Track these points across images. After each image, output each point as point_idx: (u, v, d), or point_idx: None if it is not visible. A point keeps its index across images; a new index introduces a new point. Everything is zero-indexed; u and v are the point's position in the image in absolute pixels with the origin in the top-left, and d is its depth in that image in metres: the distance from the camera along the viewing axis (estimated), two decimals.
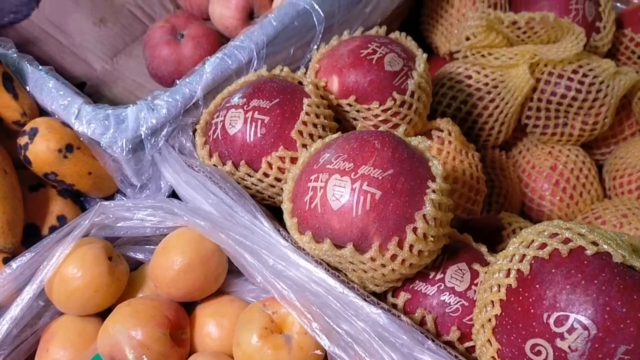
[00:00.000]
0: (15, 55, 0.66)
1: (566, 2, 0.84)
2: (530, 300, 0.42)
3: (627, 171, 0.82)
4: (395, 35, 0.70)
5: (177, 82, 0.63)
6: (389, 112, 0.64)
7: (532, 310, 0.42)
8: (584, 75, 0.78)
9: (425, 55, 0.66)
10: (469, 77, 0.82)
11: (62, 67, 0.91)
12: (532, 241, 0.44)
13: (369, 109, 0.63)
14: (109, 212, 0.56)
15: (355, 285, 0.53)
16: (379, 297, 0.55)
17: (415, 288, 0.54)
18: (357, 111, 0.64)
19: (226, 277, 0.58)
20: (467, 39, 0.82)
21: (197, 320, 0.56)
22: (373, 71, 0.63)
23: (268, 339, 0.50)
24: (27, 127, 0.60)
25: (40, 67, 0.66)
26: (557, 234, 0.44)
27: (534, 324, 0.41)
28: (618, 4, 0.99)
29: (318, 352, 0.49)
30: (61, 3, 0.96)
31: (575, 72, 0.79)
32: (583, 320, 0.39)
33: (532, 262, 0.43)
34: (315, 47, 0.71)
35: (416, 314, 0.52)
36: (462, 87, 0.82)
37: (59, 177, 0.61)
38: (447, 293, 0.52)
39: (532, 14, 0.79)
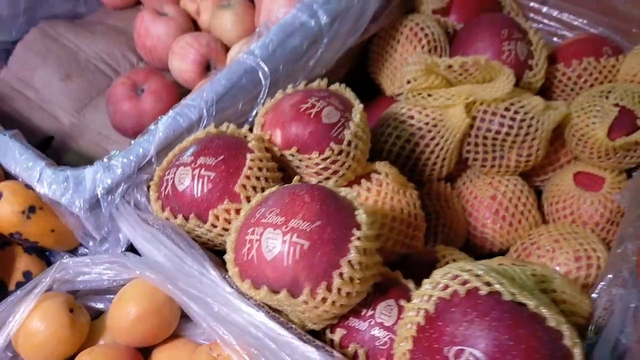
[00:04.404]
0: None
1: (499, 44, 0.91)
2: (434, 336, 0.47)
3: (562, 197, 0.88)
4: (335, 87, 0.76)
5: (132, 142, 0.69)
6: (328, 160, 0.69)
7: (435, 345, 0.47)
8: (515, 112, 0.85)
9: (361, 106, 0.72)
10: (412, 117, 0.88)
11: (30, 123, 0.97)
12: (438, 283, 0.50)
13: (309, 159, 0.69)
14: (69, 268, 0.61)
15: (294, 326, 0.58)
16: (317, 334, 0.60)
17: (350, 324, 0.59)
18: (300, 160, 0.70)
19: (181, 321, 0.64)
20: (408, 82, 0.89)
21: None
22: (312, 124, 0.69)
23: None
24: None
25: (5, 132, 0.72)
26: (458, 276, 0.49)
27: (437, 357, 0.47)
28: (555, 39, 1.06)
29: None
30: (28, 60, 1.01)
31: (507, 109, 0.85)
32: (476, 353, 0.45)
33: (437, 302, 0.49)
34: (262, 101, 0.77)
35: (349, 348, 0.58)
36: (406, 127, 0.88)
37: (24, 236, 0.66)
38: (377, 328, 0.58)
39: (465, 58, 0.85)
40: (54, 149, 0.93)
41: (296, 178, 0.67)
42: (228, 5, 0.97)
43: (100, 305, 0.65)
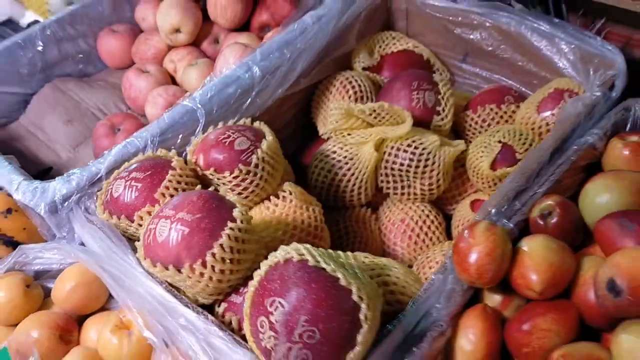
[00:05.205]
0: None
1: (409, 93, 1.07)
2: (260, 293, 0.64)
3: (461, 221, 1.03)
4: (256, 124, 0.95)
5: (90, 162, 0.90)
6: (238, 179, 0.88)
7: (261, 300, 0.64)
8: (415, 147, 1.01)
9: (270, 138, 0.91)
10: (334, 152, 1.06)
11: (36, 157, 1.20)
12: (274, 257, 0.67)
13: (223, 177, 0.88)
14: (27, 252, 0.81)
15: (185, 297, 0.75)
16: (210, 309, 0.77)
17: (230, 299, 0.76)
18: (218, 179, 0.89)
19: (111, 299, 0.82)
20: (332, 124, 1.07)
21: (84, 328, 0.79)
22: (226, 150, 0.88)
23: (116, 333, 0.73)
24: None
25: (2, 156, 0.94)
26: (286, 251, 0.66)
27: (261, 308, 0.63)
28: (475, 91, 1.23)
29: (149, 341, 0.71)
30: (41, 108, 1.26)
31: (409, 145, 1.01)
32: (282, 301, 0.61)
33: (267, 269, 0.66)
34: (198, 135, 0.97)
35: (226, 317, 0.75)
36: (329, 160, 1.06)
37: (2, 231, 0.87)
38: None
39: (372, 104, 1.03)
40: (52, 176, 1.15)
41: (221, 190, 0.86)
42: (195, 64, 1.19)
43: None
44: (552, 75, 1.06)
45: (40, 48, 1.27)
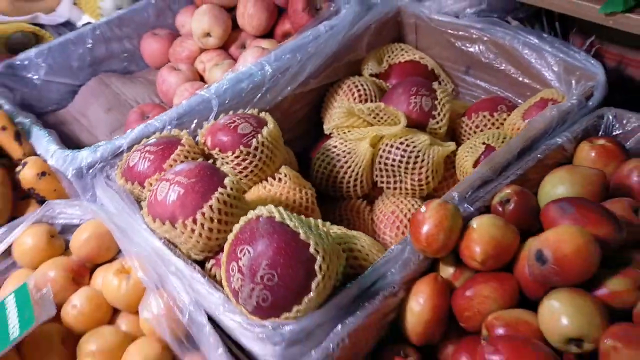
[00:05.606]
0: (28, 120, 1.11)
1: (407, 98, 1.17)
2: (234, 243, 0.75)
3: None
4: (262, 114, 1.07)
5: (114, 134, 1.04)
6: (239, 159, 0.99)
7: (234, 248, 0.75)
8: (407, 145, 1.10)
9: (271, 126, 1.02)
10: (335, 147, 1.17)
11: (79, 139, 1.36)
12: (248, 215, 0.78)
13: (226, 156, 1.00)
14: (54, 207, 0.95)
15: (179, 251, 0.87)
16: (201, 265, 0.88)
17: (218, 257, 0.87)
18: (222, 158, 1.01)
19: (119, 254, 0.94)
20: (334, 121, 1.18)
21: (94, 274, 0.92)
22: (230, 133, 1.00)
23: (117, 275, 0.85)
24: (22, 162, 1.02)
25: (42, 129, 1.10)
26: (258, 210, 0.77)
27: (233, 255, 0.74)
28: (473, 101, 1.31)
29: (143, 283, 0.83)
30: (86, 98, 1.43)
31: (401, 143, 1.11)
32: (249, 248, 0.72)
33: (242, 224, 0.77)
34: (211, 121, 1.10)
35: (212, 271, 0.86)
36: (329, 154, 1.17)
37: (36, 191, 1.02)
38: None
39: (370, 104, 1.13)
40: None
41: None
42: (221, 64, 1.34)
43: None
44: (542, 86, 1.14)
45: (89, 45, 1.44)
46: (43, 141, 1.07)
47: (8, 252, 0.94)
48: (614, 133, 0.98)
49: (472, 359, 0.73)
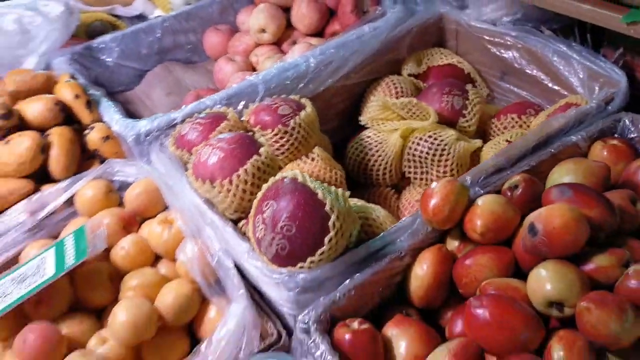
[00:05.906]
0: (98, 92, 1.26)
1: (440, 97, 1.25)
2: (261, 199, 0.86)
3: None
4: (302, 100, 1.18)
5: (171, 111, 1.17)
6: (277, 136, 1.10)
7: (260, 203, 0.85)
8: (435, 139, 1.18)
9: (309, 109, 1.13)
10: (369, 137, 1.26)
11: (140, 116, 1.51)
12: (276, 176, 0.88)
13: (266, 133, 1.11)
14: (113, 165, 1.09)
15: (216, 210, 0.98)
16: (235, 224, 0.99)
17: (249, 218, 0.98)
18: (262, 135, 1.12)
19: (166, 210, 1.07)
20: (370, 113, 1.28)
21: (142, 226, 1.05)
22: (271, 113, 1.11)
23: (160, 224, 0.97)
24: (90, 126, 1.17)
25: (109, 100, 1.24)
26: (285, 173, 0.87)
27: (259, 208, 0.85)
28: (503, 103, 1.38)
29: (183, 232, 0.95)
30: (151, 82, 1.58)
31: (430, 136, 1.19)
32: (272, 202, 0.83)
33: (269, 184, 0.87)
34: (256, 102, 1.21)
35: (243, 229, 0.97)
36: (363, 143, 1.26)
37: (100, 152, 1.16)
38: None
39: (403, 99, 1.22)
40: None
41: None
42: (271, 57, 1.46)
43: None
44: (569, 92, 1.20)
45: (158, 35, 1.59)
46: (109, 111, 1.22)
47: (70, 201, 1.07)
48: (629, 136, 1.03)
49: None
